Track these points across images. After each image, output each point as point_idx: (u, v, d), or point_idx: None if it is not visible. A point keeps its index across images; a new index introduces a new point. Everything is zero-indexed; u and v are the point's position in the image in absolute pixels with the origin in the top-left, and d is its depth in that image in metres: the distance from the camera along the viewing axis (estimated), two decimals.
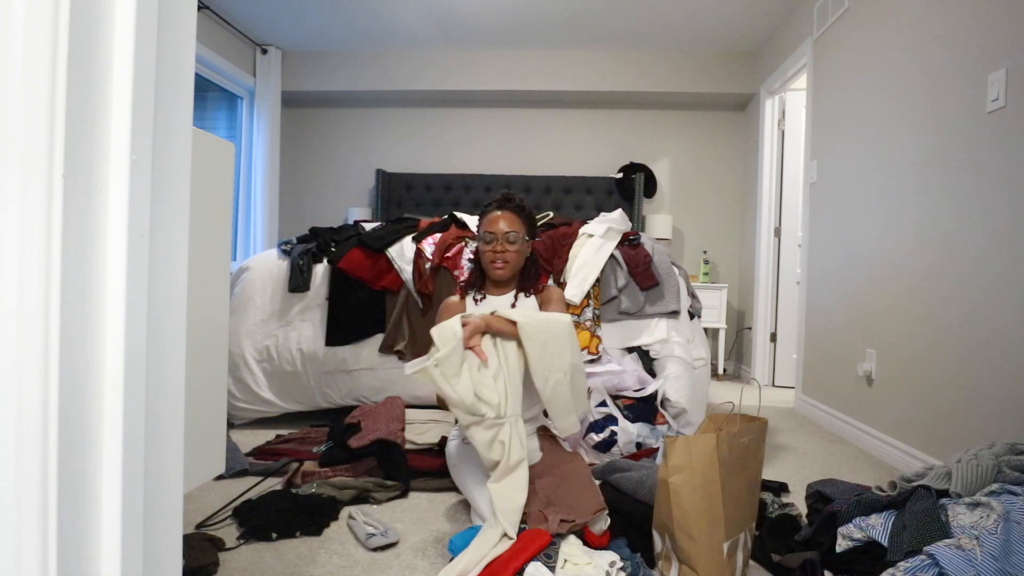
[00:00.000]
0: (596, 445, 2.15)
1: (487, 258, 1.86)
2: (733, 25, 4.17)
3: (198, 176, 0.80)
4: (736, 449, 1.31)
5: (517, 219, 1.87)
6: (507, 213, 1.86)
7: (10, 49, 0.51)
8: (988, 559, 1.09)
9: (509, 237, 1.84)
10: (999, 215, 1.90)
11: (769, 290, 4.22)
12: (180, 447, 0.69)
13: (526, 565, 1.28)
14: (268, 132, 4.68)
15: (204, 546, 1.43)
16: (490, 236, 1.85)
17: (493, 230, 1.84)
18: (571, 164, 4.93)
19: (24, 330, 0.52)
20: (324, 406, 2.76)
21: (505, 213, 1.86)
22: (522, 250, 1.88)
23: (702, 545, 1.26)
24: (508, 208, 1.87)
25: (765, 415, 1.53)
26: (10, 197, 0.52)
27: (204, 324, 1.05)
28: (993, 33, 1.96)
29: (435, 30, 4.40)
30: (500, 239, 1.84)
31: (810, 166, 3.42)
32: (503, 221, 1.85)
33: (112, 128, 0.58)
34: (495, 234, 1.84)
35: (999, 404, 1.87)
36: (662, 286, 2.56)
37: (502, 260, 1.84)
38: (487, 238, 1.85)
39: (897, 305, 2.46)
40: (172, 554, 0.68)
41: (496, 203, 1.90)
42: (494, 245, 1.84)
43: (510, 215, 1.86)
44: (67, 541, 0.55)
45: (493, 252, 1.84)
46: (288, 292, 2.75)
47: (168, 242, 0.65)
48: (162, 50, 0.62)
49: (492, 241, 1.84)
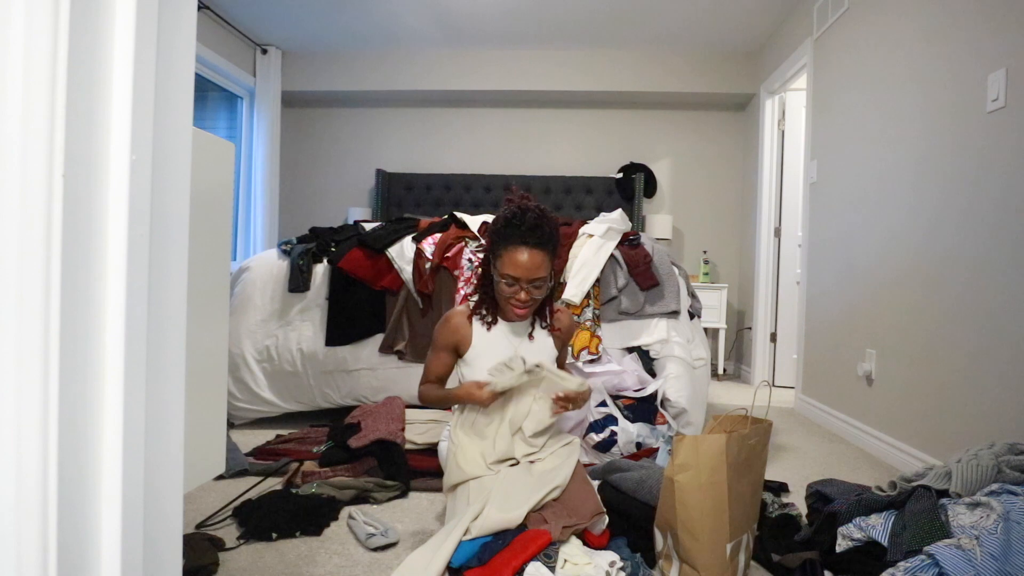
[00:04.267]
0: (596, 445, 2.15)
1: (504, 298, 1.56)
2: (733, 25, 4.17)
3: (198, 176, 0.80)
4: (744, 451, 1.31)
5: (545, 258, 1.51)
6: (533, 252, 1.48)
7: (10, 49, 0.51)
8: (988, 559, 1.09)
9: (535, 284, 1.51)
10: (999, 215, 1.90)
11: (769, 290, 4.22)
12: (180, 447, 0.69)
13: (526, 565, 1.28)
14: (268, 132, 4.68)
15: (204, 546, 1.43)
16: (512, 281, 1.51)
17: (516, 275, 1.49)
18: (571, 164, 4.93)
19: (24, 330, 0.52)
20: (324, 406, 2.76)
21: (532, 252, 1.48)
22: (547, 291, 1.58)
23: (705, 545, 1.26)
24: (534, 245, 1.49)
25: (767, 416, 1.53)
26: (10, 197, 0.52)
27: (204, 324, 1.05)
28: (993, 33, 1.96)
29: (435, 30, 4.40)
30: (524, 286, 1.51)
31: (810, 166, 3.42)
32: (528, 262, 1.48)
33: (112, 128, 0.58)
34: (518, 280, 1.50)
35: (999, 404, 1.87)
36: (662, 286, 2.56)
37: (524, 307, 1.55)
38: (508, 282, 1.51)
39: (897, 305, 2.46)
40: (172, 554, 0.68)
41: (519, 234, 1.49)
42: (515, 291, 1.52)
43: (537, 255, 1.49)
44: (67, 541, 0.55)
45: (515, 299, 1.53)
46: (288, 292, 2.75)
47: (168, 242, 0.65)
48: (162, 50, 0.62)
49: (513, 286, 1.51)
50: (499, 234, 1.53)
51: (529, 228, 1.48)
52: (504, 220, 1.52)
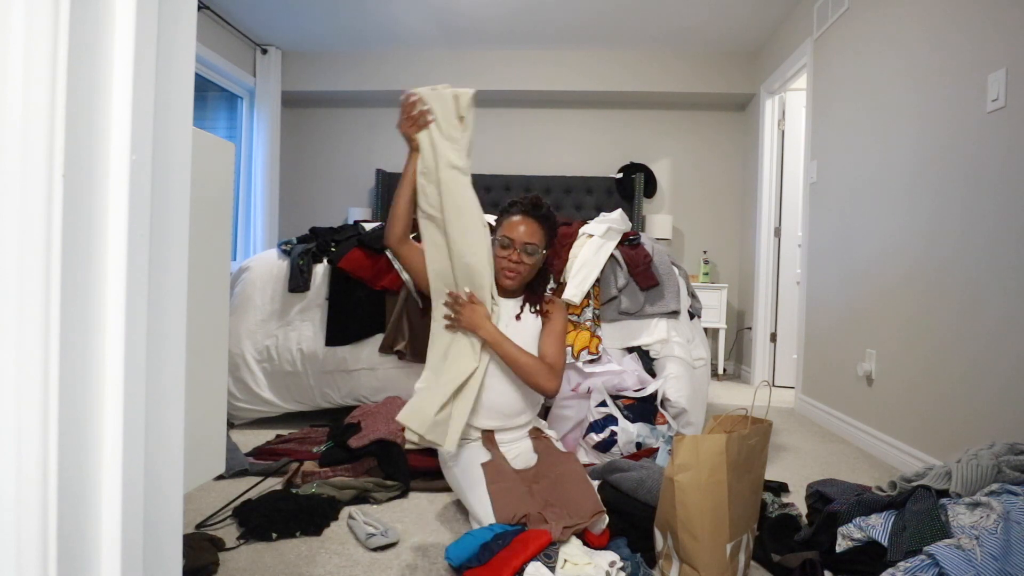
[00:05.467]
0: (596, 445, 2.15)
1: (498, 263, 1.73)
2: (733, 25, 4.17)
3: (198, 176, 0.80)
4: (744, 451, 1.31)
5: (540, 230, 1.73)
6: (531, 221, 1.71)
7: (10, 49, 0.51)
8: (988, 559, 1.09)
9: (527, 248, 1.71)
10: (998, 215, 1.90)
11: (769, 290, 4.22)
12: (180, 447, 0.69)
13: (526, 565, 1.28)
14: (268, 132, 4.68)
15: (204, 546, 1.43)
16: (507, 241, 1.71)
17: (512, 236, 1.70)
18: (571, 164, 4.93)
19: (24, 330, 0.52)
20: (324, 406, 2.76)
21: (528, 220, 1.71)
22: (537, 263, 1.77)
23: (705, 545, 1.26)
24: (533, 216, 1.72)
25: (767, 416, 1.53)
26: (10, 197, 0.52)
27: (204, 324, 1.05)
28: (993, 33, 1.96)
29: (435, 30, 4.40)
30: (518, 248, 1.70)
31: (810, 166, 3.42)
32: (524, 228, 1.70)
33: (112, 128, 0.58)
34: (513, 241, 1.70)
35: (999, 404, 1.87)
36: (662, 286, 2.55)
37: (514, 271, 1.72)
38: (504, 242, 1.71)
39: (897, 305, 2.46)
40: (172, 554, 0.68)
41: (521, 206, 1.74)
42: (509, 253, 1.71)
43: (534, 224, 1.72)
44: (67, 541, 0.55)
45: (507, 260, 1.71)
46: (288, 292, 2.75)
47: (168, 242, 0.65)
48: (162, 50, 0.62)
49: (508, 247, 1.71)
50: (505, 211, 1.79)
51: (531, 203, 1.75)
52: (510, 200, 1.80)
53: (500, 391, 1.74)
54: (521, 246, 1.70)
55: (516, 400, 1.76)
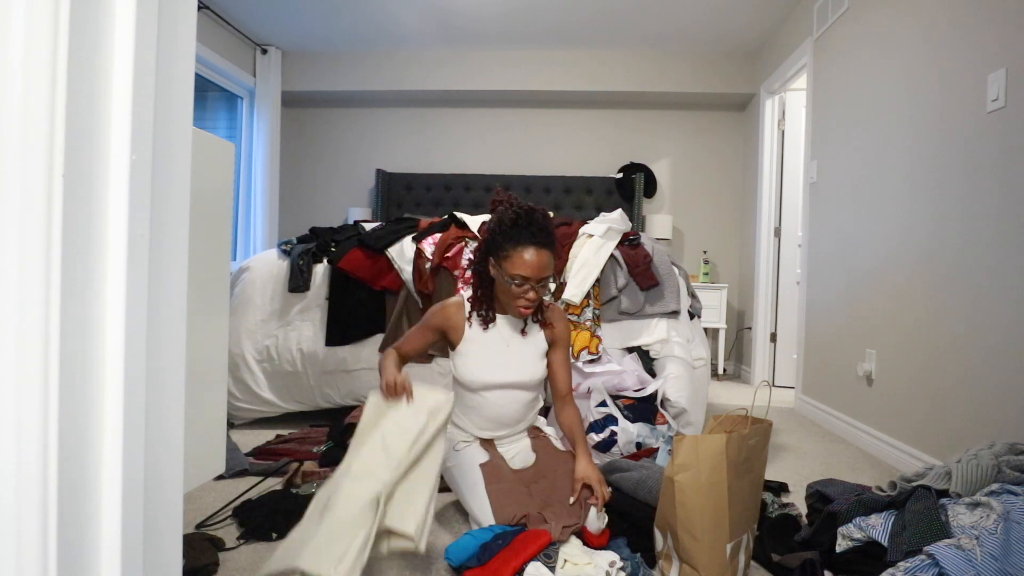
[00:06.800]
0: (596, 445, 2.15)
1: (511, 297, 1.60)
2: (733, 25, 4.17)
3: (198, 176, 0.80)
4: (744, 451, 1.31)
5: (551, 257, 1.58)
6: (542, 252, 1.55)
7: (10, 49, 0.51)
8: (988, 559, 1.09)
9: (544, 282, 1.59)
10: (999, 214, 1.90)
11: (769, 290, 4.22)
12: (180, 447, 0.69)
13: (526, 565, 1.28)
14: (268, 132, 4.68)
15: (204, 546, 1.43)
16: (522, 280, 1.56)
17: (528, 275, 1.55)
18: (571, 164, 4.93)
19: (24, 330, 0.52)
20: (324, 406, 2.76)
21: (540, 252, 1.55)
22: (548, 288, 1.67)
23: (705, 545, 1.26)
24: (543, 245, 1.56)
25: (767, 416, 1.53)
26: (10, 197, 0.52)
27: (204, 324, 1.05)
28: (993, 33, 1.96)
29: (435, 30, 4.40)
30: (534, 285, 1.57)
31: (810, 166, 3.42)
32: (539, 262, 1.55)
33: (112, 128, 0.58)
34: (529, 279, 1.55)
35: (999, 404, 1.87)
36: (662, 286, 2.56)
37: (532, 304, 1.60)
38: (518, 281, 1.56)
39: (897, 305, 2.46)
40: (172, 554, 0.68)
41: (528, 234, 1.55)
42: (526, 290, 1.57)
43: (545, 255, 1.56)
44: (67, 541, 0.55)
45: (524, 297, 1.58)
46: (288, 292, 2.75)
47: (168, 242, 0.65)
48: (162, 50, 0.62)
49: (523, 285, 1.57)
50: (506, 235, 1.57)
51: (539, 228, 1.55)
52: (511, 221, 1.56)
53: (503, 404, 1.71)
54: (537, 283, 1.57)
55: (521, 412, 1.75)
